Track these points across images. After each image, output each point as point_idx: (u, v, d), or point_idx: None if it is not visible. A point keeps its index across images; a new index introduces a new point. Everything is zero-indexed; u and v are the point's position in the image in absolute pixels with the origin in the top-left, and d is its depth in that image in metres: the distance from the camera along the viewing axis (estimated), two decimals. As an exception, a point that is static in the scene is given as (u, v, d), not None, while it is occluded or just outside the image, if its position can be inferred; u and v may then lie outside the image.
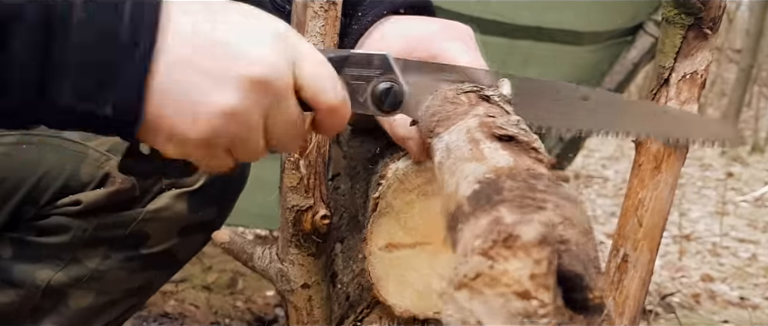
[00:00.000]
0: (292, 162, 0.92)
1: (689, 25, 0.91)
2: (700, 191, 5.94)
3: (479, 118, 0.64)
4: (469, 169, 0.53)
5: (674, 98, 0.92)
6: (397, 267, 0.87)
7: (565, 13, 2.35)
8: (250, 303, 2.46)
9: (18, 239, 1.10)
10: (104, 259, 1.12)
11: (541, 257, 0.39)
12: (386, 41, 0.91)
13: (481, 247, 0.40)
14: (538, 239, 0.40)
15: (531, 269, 0.39)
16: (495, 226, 0.41)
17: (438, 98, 0.74)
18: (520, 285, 0.39)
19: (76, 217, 1.09)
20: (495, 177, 0.48)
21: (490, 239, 0.40)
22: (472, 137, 0.60)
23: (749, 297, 3.29)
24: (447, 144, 0.63)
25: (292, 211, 0.94)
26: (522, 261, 0.39)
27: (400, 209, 0.86)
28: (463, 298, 0.40)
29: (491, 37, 2.28)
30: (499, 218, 0.42)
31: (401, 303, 0.87)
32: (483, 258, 0.40)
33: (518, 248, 0.39)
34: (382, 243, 0.86)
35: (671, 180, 0.95)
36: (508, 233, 0.40)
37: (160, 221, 1.12)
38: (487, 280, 0.39)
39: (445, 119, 0.68)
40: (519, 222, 0.41)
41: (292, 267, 0.97)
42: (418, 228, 0.86)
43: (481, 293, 0.39)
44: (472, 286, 0.40)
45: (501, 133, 0.59)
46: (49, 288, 1.11)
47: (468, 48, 0.88)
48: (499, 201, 0.44)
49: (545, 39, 2.42)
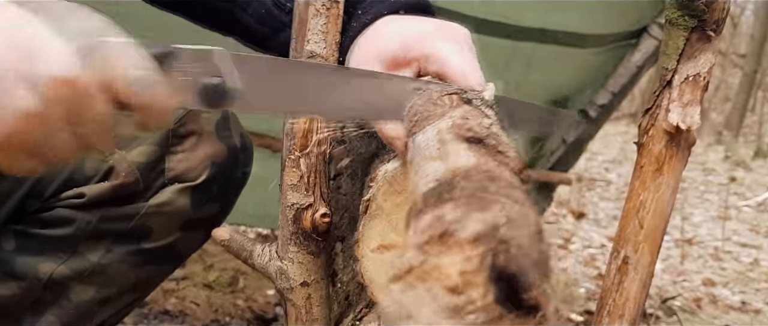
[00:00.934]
0: (293, 160, 0.92)
1: (692, 27, 0.91)
2: (703, 196, 5.94)
3: (453, 119, 0.65)
4: (430, 168, 0.54)
5: (677, 99, 0.92)
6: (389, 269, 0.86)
7: (569, 15, 2.35)
8: (250, 301, 2.46)
9: (21, 231, 1.11)
10: (107, 253, 1.12)
11: (474, 254, 0.39)
12: (382, 40, 0.90)
13: (418, 242, 0.41)
14: (473, 236, 0.40)
15: (461, 265, 0.39)
16: (435, 222, 0.41)
17: (423, 99, 0.75)
18: (450, 280, 0.39)
19: (80, 210, 1.09)
20: (451, 177, 0.49)
21: (427, 234, 0.41)
22: (441, 138, 0.61)
23: (751, 302, 3.29)
24: (418, 144, 0.65)
25: (292, 209, 0.94)
26: (454, 256, 0.40)
27: (390, 211, 0.86)
28: (397, 291, 0.40)
29: (495, 39, 2.28)
30: (441, 215, 0.42)
31: (394, 304, 0.87)
32: (417, 252, 0.40)
33: (452, 244, 0.40)
34: (374, 245, 0.86)
35: (673, 182, 0.94)
36: (444, 230, 0.40)
37: (163, 215, 1.12)
38: (420, 274, 0.40)
39: (422, 120, 0.69)
40: (458, 220, 0.41)
41: (292, 265, 0.97)
42: None
43: (414, 286, 0.40)
44: (405, 279, 0.40)
45: (469, 135, 0.60)
46: (51, 281, 1.11)
47: (461, 49, 0.87)
48: (448, 200, 0.44)
49: (549, 41, 2.42)
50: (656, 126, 0.94)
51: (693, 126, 0.92)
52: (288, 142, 0.92)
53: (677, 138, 0.94)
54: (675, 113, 0.92)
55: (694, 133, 0.94)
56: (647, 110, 0.95)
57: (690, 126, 0.92)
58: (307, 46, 0.89)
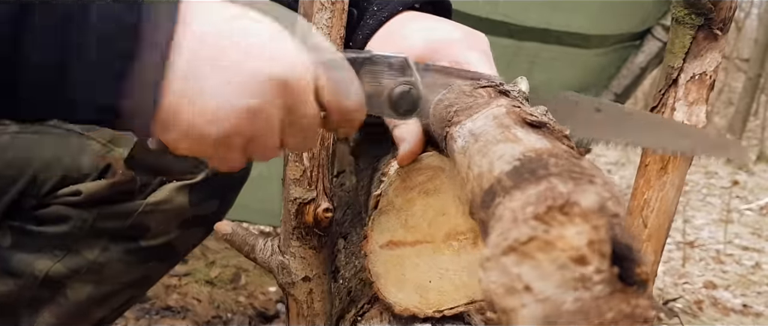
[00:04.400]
0: (296, 155, 0.92)
1: (699, 26, 0.91)
2: (705, 199, 5.92)
3: (505, 107, 0.63)
4: (503, 149, 0.52)
5: (682, 98, 0.92)
6: (397, 265, 0.86)
7: (573, 15, 2.34)
8: (252, 298, 2.46)
9: (18, 228, 1.10)
10: (103, 250, 1.12)
11: (600, 224, 0.39)
12: (408, 41, 0.90)
13: (535, 212, 0.40)
14: (597, 206, 0.39)
15: (589, 235, 0.38)
16: (549, 193, 0.40)
17: (453, 92, 0.74)
18: (577, 251, 0.38)
19: (77, 207, 1.08)
20: (536, 155, 0.48)
21: (545, 205, 0.40)
22: (501, 123, 0.59)
23: (752, 305, 3.28)
24: (471, 131, 0.62)
25: (294, 203, 0.93)
26: (579, 226, 0.39)
27: (401, 207, 0.85)
28: (511, 263, 0.39)
29: (498, 38, 2.27)
30: (553, 187, 0.41)
31: (401, 301, 0.87)
32: (537, 222, 0.39)
33: (576, 214, 0.39)
34: (383, 241, 0.86)
35: (677, 182, 0.94)
36: (566, 200, 0.39)
37: (161, 213, 1.12)
38: (541, 244, 0.39)
39: (465, 109, 0.67)
40: (574, 191, 0.40)
41: (294, 260, 0.96)
42: (419, 227, 0.85)
43: (533, 257, 0.39)
44: (523, 251, 0.39)
45: (532, 119, 0.59)
46: (48, 279, 1.10)
47: (487, 59, 0.89)
48: (548, 174, 0.43)
49: (552, 41, 2.41)
50: (661, 124, 0.94)
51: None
52: (292, 137, 0.92)
53: (682, 137, 0.93)
54: (681, 112, 0.92)
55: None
56: (653, 109, 0.95)
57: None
58: (312, 40, 0.89)
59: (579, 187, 0.41)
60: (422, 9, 0.96)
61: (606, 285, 0.38)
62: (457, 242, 0.85)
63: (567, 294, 0.38)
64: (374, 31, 0.93)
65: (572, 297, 0.38)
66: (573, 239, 0.38)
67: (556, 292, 0.38)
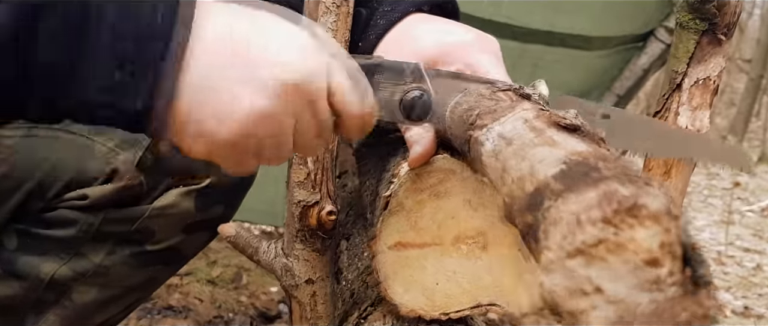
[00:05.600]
0: (300, 157, 0.92)
1: (703, 31, 0.91)
2: (707, 200, 5.92)
3: (534, 110, 0.63)
4: (542, 153, 0.52)
5: (686, 103, 0.92)
6: (405, 267, 0.86)
7: (576, 17, 2.34)
8: (253, 298, 2.46)
9: (24, 231, 1.10)
10: (109, 254, 1.12)
11: (670, 226, 0.39)
12: (420, 43, 0.91)
13: (602, 215, 0.40)
14: (665, 208, 0.39)
15: (661, 237, 0.39)
16: (612, 196, 0.40)
17: (471, 96, 0.73)
18: (650, 253, 0.38)
19: (83, 211, 1.08)
20: (582, 159, 0.47)
21: (611, 208, 0.40)
22: (533, 126, 0.59)
23: (753, 307, 3.28)
24: (500, 134, 0.61)
25: (298, 206, 0.94)
26: (650, 229, 0.39)
27: (410, 209, 0.85)
28: (578, 265, 0.39)
29: (502, 41, 2.26)
30: (614, 190, 0.41)
31: (407, 303, 0.87)
32: (606, 225, 0.39)
33: (645, 217, 0.39)
34: (392, 242, 0.86)
35: (681, 186, 0.94)
36: (633, 203, 0.39)
37: (166, 218, 1.12)
38: (611, 247, 0.39)
39: (489, 113, 0.67)
40: (639, 194, 0.40)
41: (297, 262, 0.97)
42: (429, 229, 0.85)
43: (603, 259, 0.39)
44: (591, 253, 0.39)
45: (565, 123, 0.58)
46: (53, 282, 1.10)
47: (498, 62, 0.90)
48: (603, 178, 0.43)
49: (556, 43, 2.41)
50: (665, 129, 0.94)
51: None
52: (296, 139, 0.92)
53: (686, 142, 0.93)
54: (684, 116, 0.92)
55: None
56: (656, 113, 0.95)
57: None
58: (316, 43, 0.89)
59: (641, 190, 0.41)
60: (431, 11, 0.96)
61: (679, 287, 0.38)
62: (465, 246, 0.85)
63: (641, 296, 0.38)
64: (386, 31, 0.93)
65: (647, 298, 0.38)
66: (645, 241, 0.39)
67: (630, 294, 0.38)
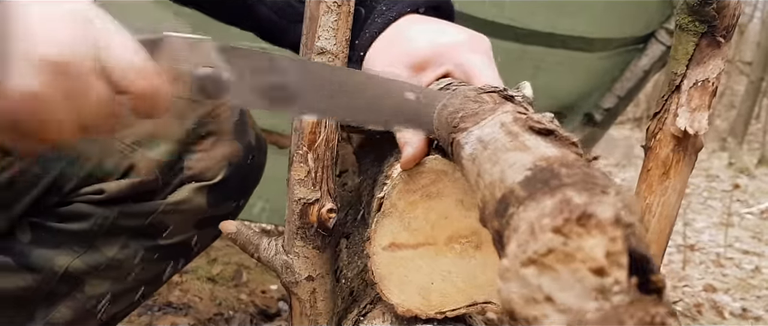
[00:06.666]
0: (301, 155, 0.93)
1: (702, 33, 0.91)
2: (706, 202, 5.92)
3: (511, 113, 0.64)
4: (513, 158, 0.52)
5: (685, 104, 0.92)
6: (399, 267, 0.87)
7: (577, 19, 2.35)
8: (253, 295, 2.47)
9: (38, 224, 1.10)
10: (123, 248, 1.13)
11: (616, 235, 0.39)
12: (414, 44, 0.92)
13: (553, 225, 0.40)
14: (613, 218, 0.40)
15: (607, 246, 0.39)
16: (565, 206, 0.41)
17: (457, 97, 0.74)
18: (596, 262, 0.39)
19: (99, 205, 1.09)
20: (547, 164, 0.48)
21: (562, 217, 0.40)
22: (509, 131, 0.60)
23: (751, 309, 3.29)
24: (479, 137, 0.63)
25: (298, 203, 0.94)
26: (597, 238, 0.39)
27: (403, 210, 0.86)
28: (531, 274, 0.40)
29: (503, 42, 2.28)
30: (568, 198, 0.42)
31: (403, 303, 0.87)
32: (555, 235, 0.40)
33: (593, 226, 0.40)
34: (386, 243, 0.86)
35: (679, 186, 0.95)
36: (582, 212, 0.40)
37: (180, 213, 1.13)
38: (560, 256, 0.40)
39: (471, 115, 0.68)
40: (590, 203, 0.41)
41: (297, 260, 0.97)
42: (422, 229, 0.86)
43: (553, 269, 0.40)
44: (542, 262, 0.40)
45: (539, 127, 0.59)
46: (67, 274, 1.11)
47: (490, 61, 0.91)
48: (561, 185, 0.44)
49: (557, 45, 2.41)
50: (664, 130, 0.95)
51: (700, 131, 0.92)
52: (296, 137, 0.93)
53: (684, 143, 0.94)
54: (683, 118, 0.92)
55: (701, 138, 0.94)
56: (656, 114, 0.95)
57: (697, 131, 0.92)
58: (317, 42, 0.89)
59: (594, 198, 0.41)
60: (426, 12, 0.97)
61: (625, 295, 0.39)
62: (459, 245, 0.86)
63: (589, 304, 0.39)
64: (381, 30, 0.94)
65: (594, 306, 0.38)
66: (591, 251, 0.39)
67: (577, 302, 0.39)
